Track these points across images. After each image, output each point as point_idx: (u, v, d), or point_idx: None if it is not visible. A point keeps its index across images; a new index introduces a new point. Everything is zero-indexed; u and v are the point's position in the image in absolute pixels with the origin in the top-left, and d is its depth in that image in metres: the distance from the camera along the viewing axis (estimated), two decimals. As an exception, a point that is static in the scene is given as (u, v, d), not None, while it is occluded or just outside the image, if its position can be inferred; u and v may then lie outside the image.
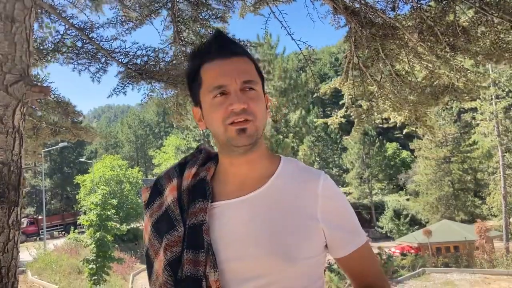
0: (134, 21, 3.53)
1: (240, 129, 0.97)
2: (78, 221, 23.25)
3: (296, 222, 1.00)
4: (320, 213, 1.02)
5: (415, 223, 34.61)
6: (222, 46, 1.03)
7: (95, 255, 16.64)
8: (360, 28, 3.50)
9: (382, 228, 35.90)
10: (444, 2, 3.17)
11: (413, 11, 3.29)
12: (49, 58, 3.72)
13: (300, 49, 3.82)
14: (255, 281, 0.95)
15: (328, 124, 5.03)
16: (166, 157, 46.69)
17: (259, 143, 1.03)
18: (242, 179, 1.05)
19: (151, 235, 1.08)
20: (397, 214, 36.07)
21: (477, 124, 31.90)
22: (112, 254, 17.28)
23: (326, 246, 1.05)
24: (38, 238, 32.48)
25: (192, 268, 0.96)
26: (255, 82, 1.02)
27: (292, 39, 3.67)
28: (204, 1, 3.53)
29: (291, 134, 21.76)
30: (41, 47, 3.72)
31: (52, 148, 36.25)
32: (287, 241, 0.97)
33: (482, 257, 20.64)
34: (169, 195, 1.08)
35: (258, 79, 1.05)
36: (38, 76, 3.98)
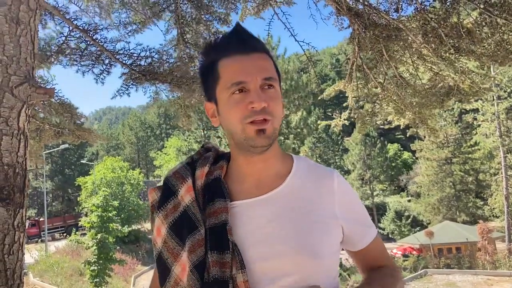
0: (138, 24, 3.53)
1: (259, 129, 0.95)
2: (80, 223, 23.27)
3: (316, 219, 1.00)
4: (337, 209, 1.03)
5: (416, 224, 34.59)
6: (242, 41, 0.99)
7: (96, 257, 16.63)
8: (363, 30, 3.49)
9: (383, 229, 35.84)
10: (448, 3, 3.16)
11: (416, 13, 3.28)
12: (53, 60, 3.72)
13: (304, 50, 3.82)
14: (284, 280, 0.94)
15: (332, 126, 5.03)
16: (167, 159, 46.65)
17: (275, 142, 1.02)
18: (258, 177, 1.04)
19: (167, 237, 1.03)
20: (399, 215, 36.04)
21: (479, 125, 31.91)
22: (113, 256, 17.28)
23: (341, 241, 1.06)
24: (39, 240, 32.46)
25: (218, 270, 0.93)
26: (274, 79, 0.99)
27: (296, 40, 3.67)
28: (207, 3, 3.53)
29: (292, 135, 21.78)
30: (45, 49, 3.73)
31: (53, 150, 36.28)
32: (312, 238, 0.97)
33: (484, 258, 20.62)
34: (186, 195, 1.03)
35: (276, 76, 1.02)
36: (43, 78, 3.99)
